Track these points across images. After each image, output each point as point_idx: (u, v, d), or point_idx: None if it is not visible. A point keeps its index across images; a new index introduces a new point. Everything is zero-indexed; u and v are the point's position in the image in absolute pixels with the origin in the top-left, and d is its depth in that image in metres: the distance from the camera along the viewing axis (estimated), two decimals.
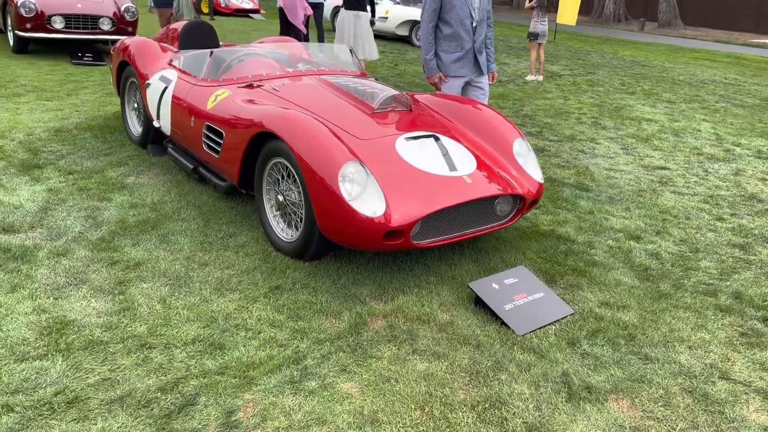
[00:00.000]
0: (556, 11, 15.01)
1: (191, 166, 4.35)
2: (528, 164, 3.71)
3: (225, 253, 3.57)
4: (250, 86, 4.12)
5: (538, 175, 3.69)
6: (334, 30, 15.22)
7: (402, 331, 2.92)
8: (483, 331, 2.98)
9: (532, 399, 2.54)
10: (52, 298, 2.99)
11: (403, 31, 14.70)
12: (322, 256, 3.50)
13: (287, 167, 3.47)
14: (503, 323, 3.02)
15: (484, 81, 4.72)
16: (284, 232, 3.61)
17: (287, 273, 3.37)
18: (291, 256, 3.51)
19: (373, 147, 3.41)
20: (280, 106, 3.71)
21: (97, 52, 9.48)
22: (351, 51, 4.90)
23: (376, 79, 4.64)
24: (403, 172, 3.31)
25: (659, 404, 2.57)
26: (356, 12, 8.86)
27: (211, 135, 3.96)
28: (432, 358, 2.75)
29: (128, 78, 5.23)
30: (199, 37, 5.15)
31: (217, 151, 3.91)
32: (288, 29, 9.90)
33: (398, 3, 15.54)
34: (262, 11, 19.12)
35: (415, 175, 3.32)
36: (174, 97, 4.41)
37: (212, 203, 4.21)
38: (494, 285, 3.21)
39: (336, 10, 14.29)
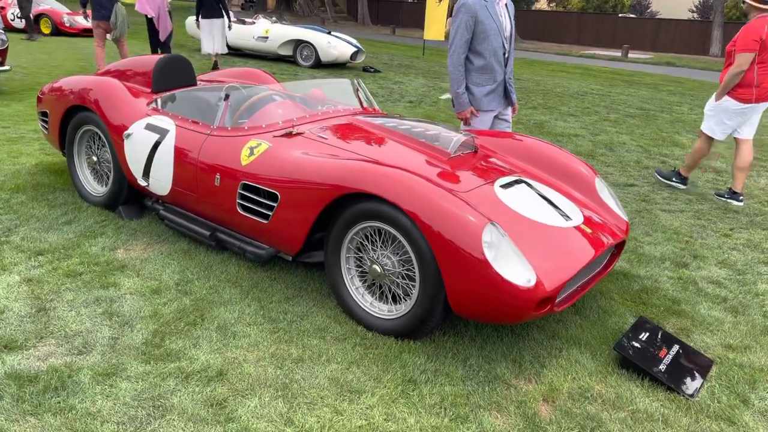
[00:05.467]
0: None
1: (207, 232, 3.59)
2: (612, 203, 3.49)
3: (311, 341, 2.93)
4: (288, 134, 3.48)
5: (624, 214, 3.48)
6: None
7: (582, 417, 2.53)
8: (655, 400, 2.68)
9: None
10: None
11: (287, 51, 14.07)
12: (432, 332, 3.00)
13: (380, 231, 2.93)
14: (667, 387, 2.75)
15: (509, 113, 4.45)
16: (375, 307, 3.05)
17: (404, 359, 2.82)
18: (393, 336, 2.97)
19: (478, 201, 2.98)
20: (349, 158, 3.13)
21: None
22: (355, 85, 4.37)
23: (401, 116, 4.18)
24: (526, 228, 2.92)
25: None
26: (222, 19, 11.32)
27: (252, 197, 3.27)
28: None
29: (81, 126, 4.25)
30: (175, 73, 4.31)
31: (265, 216, 3.23)
32: (157, 40, 10.60)
33: (276, 22, 14.91)
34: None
35: (538, 229, 2.94)
36: (178, 150, 3.61)
37: (248, 276, 3.50)
38: (635, 344, 2.94)
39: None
